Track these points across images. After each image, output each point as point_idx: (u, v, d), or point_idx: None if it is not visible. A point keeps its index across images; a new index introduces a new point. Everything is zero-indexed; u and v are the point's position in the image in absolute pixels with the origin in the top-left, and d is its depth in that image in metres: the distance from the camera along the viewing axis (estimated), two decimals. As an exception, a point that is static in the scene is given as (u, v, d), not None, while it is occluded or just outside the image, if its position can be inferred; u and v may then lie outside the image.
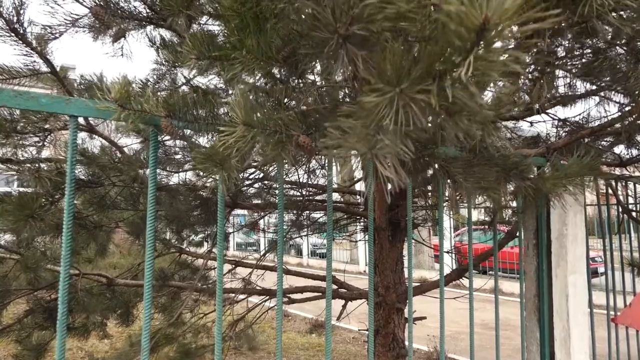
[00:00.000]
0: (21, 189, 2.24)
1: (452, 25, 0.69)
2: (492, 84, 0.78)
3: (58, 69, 2.24)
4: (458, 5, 0.66)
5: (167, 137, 3.12)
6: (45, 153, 2.35)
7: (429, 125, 0.83)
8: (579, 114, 3.49)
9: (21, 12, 1.84)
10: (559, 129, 3.59)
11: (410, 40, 0.87)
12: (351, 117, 0.89)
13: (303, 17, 0.98)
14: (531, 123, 3.74)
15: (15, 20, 1.84)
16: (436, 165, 1.36)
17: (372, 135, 0.85)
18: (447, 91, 0.73)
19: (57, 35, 1.92)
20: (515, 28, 0.68)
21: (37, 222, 1.84)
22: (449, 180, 1.33)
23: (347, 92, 1.40)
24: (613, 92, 2.55)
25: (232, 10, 1.09)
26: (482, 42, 0.67)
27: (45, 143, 2.19)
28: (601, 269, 10.62)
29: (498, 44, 0.71)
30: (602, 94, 2.80)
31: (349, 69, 0.93)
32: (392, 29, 0.86)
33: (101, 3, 1.80)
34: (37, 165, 2.03)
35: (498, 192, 1.34)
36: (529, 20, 0.65)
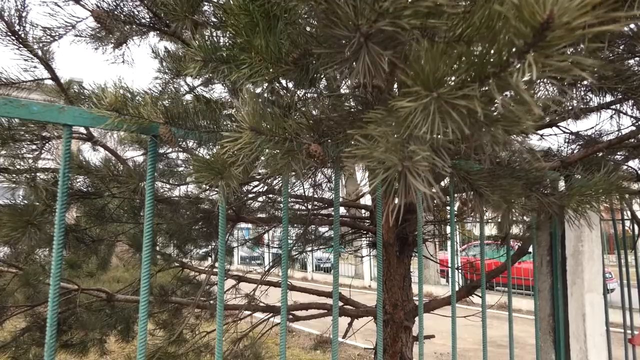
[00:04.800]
0: (18, 200, 2.17)
1: (512, 20, 0.60)
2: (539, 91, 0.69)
3: (63, 81, 2.19)
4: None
5: (167, 148, 3.06)
6: (47, 163, 2.29)
7: (456, 135, 0.74)
8: (591, 127, 3.41)
9: (23, 14, 1.79)
10: (570, 142, 3.51)
11: (439, 41, 0.78)
12: (377, 125, 0.81)
13: (318, 13, 0.89)
14: (542, 136, 3.66)
15: (16, 23, 1.78)
16: (457, 178, 1.27)
17: (403, 145, 0.76)
18: (497, 97, 0.64)
19: (56, 37, 1.86)
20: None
21: (36, 230, 1.76)
22: (471, 193, 1.25)
23: (358, 100, 1.33)
24: (628, 105, 2.48)
25: (241, 8, 1.01)
26: (539, 43, 0.58)
27: (43, 151, 2.12)
28: (611, 285, 10.44)
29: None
30: (615, 106, 2.73)
31: (372, 72, 0.84)
32: (420, 27, 0.78)
33: (103, 6, 1.75)
34: (32, 174, 1.96)
35: (525, 206, 1.26)
36: (599, 20, 0.56)
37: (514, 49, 0.63)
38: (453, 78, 0.69)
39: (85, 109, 1.19)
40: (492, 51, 0.66)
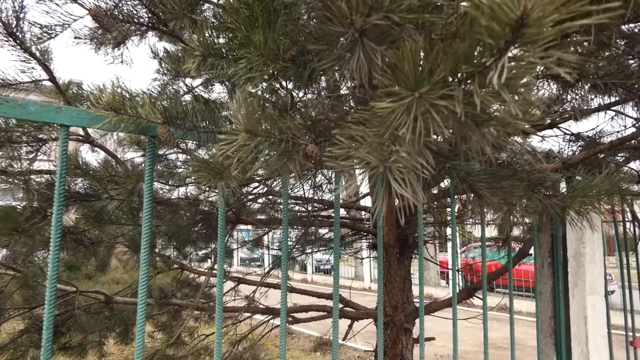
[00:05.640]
0: (16, 203, 2.16)
1: (482, 20, 0.59)
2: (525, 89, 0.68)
3: (62, 83, 2.17)
4: (492, -4, 0.56)
5: (166, 149, 3.05)
6: (44, 164, 2.27)
7: (451, 135, 0.73)
8: (592, 129, 3.40)
9: (21, 15, 1.77)
10: (571, 143, 3.50)
11: (435, 38, 0.77)
12: (363, 125, 0.79)
13: (316, 10, 0.87)
14: (543, 137, 3.65)
15: (14, 24, 1.76)
16: (457, 180, 1.25)
17: (386, 146, 0.74)
18: (475, 97, 0.62)
19: (53, 35, 1.84)
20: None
21: (22, 237, 1.74)
22: (471, 195, 1.23)
23: (357, 100, 1.31)
24: (629, 105, 2.47)
25: (241, 2, 0.99)
26: (518, 40, 0.56)
27: (39, 153, 2.10)
28: (611, 287, 10.43)
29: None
30: (616, 107, 2.71)
31: (365, 69, 0.82)
32: (415, 22, 0.76)
33: (101, 5, 1.73)
34: (26, 177, 1.94)
35: (527, 208, 1.24)
36: (579, 14, 0.55)
37: (494, 49, 0.62)
38: (436, 77, 0.68)
39: (82, 109, 1.18)
40: (474, 50, 0.65)
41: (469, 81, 0.67)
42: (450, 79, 0.68)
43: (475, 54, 0.65)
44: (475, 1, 0.58)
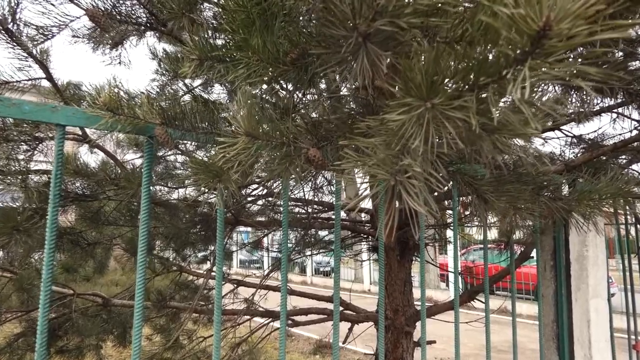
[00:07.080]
0: (15, 203, 2.14)
1: (503, 29, 0.56)
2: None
3: (61, 83, 2.15)
4: (514, 7, 0.53)
5: (165, 150, 3.02)
6: (42, 164, 2.24)
7: (462, 144, 0.70)
8: (594, 131, 3.39)
9: (17, 10, 1.74)
10: (572, 146, 3.48)
11: (440, 41, 0.74)
12: (371, 135, 0.77)
13: (316, 12, 0.85)
14: (545, 140, 3.62)
15: (9, 20, 1.73)
16: (461, 184, 1.23)
17: (397, 158, 0.72)
18: (492, 109, 0.60)
19: (49, 37, 1.81)
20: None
21: (22, 236, 1.72)
22: (475, 199, 1.20)
23: (359, 102, 1.28)
24: (633, 107, 2.45)
25: (238, 5, 0.97)
26: (537, 51, 0.54)
27: (36, 152, 2.08)
28: (611, 290, 10.39)
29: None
30: (620, 109, 2.69)
31: (369, 74, 0.80)
32: (421, 26, 0.74)
33: (99, 5, 1.70)
34: (24, 176, 1.91)
35: (532, 211, 1.21)
36: (604, 26, 0.52)
37: (511, 57, 0.59)
38: (448, 86, 0.65)
39: (78, 109, 1.15)
40: (488, 59, 0.62)
41: (482, 91, 0.64)
42: (466, 90, 0.65)
43: (490, 62, 0.62)
44: (495, 9, 0.56)
